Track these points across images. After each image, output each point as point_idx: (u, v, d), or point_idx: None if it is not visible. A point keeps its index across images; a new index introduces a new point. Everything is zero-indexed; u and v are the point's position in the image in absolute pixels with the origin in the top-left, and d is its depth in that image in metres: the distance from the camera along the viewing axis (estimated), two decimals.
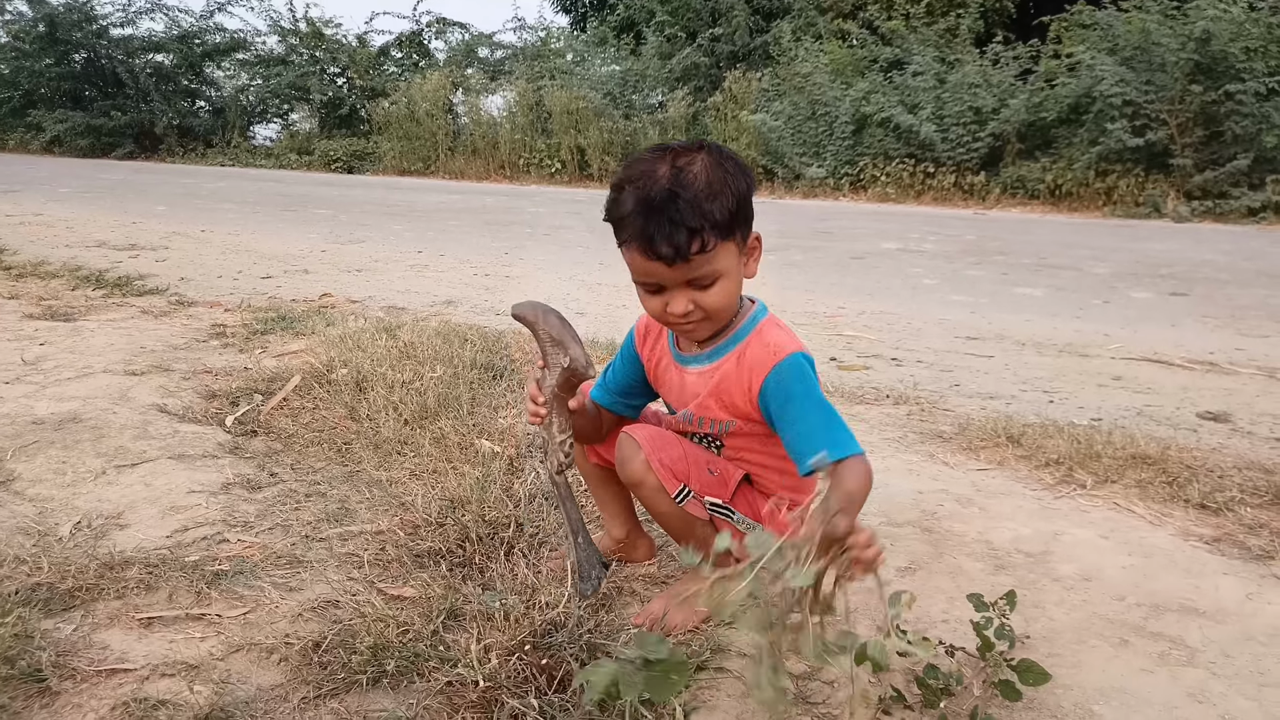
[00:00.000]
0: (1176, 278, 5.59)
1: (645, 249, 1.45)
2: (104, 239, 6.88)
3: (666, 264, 1.45)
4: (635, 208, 1.44)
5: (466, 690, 1.45)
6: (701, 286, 1.49)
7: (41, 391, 2.95)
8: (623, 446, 1.64)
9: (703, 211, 1.42)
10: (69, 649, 1.57)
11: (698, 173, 1.44)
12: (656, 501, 1.64)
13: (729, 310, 1.57)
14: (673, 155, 1.47)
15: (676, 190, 1.42)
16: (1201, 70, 9.22)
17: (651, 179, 1.44)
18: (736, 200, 1.46)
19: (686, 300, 1.50)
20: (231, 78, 20.42)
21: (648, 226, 1.43)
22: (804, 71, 11.92)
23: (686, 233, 1.41)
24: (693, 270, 1.46)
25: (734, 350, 1.60)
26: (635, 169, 1.48)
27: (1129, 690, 1.45)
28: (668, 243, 1.42)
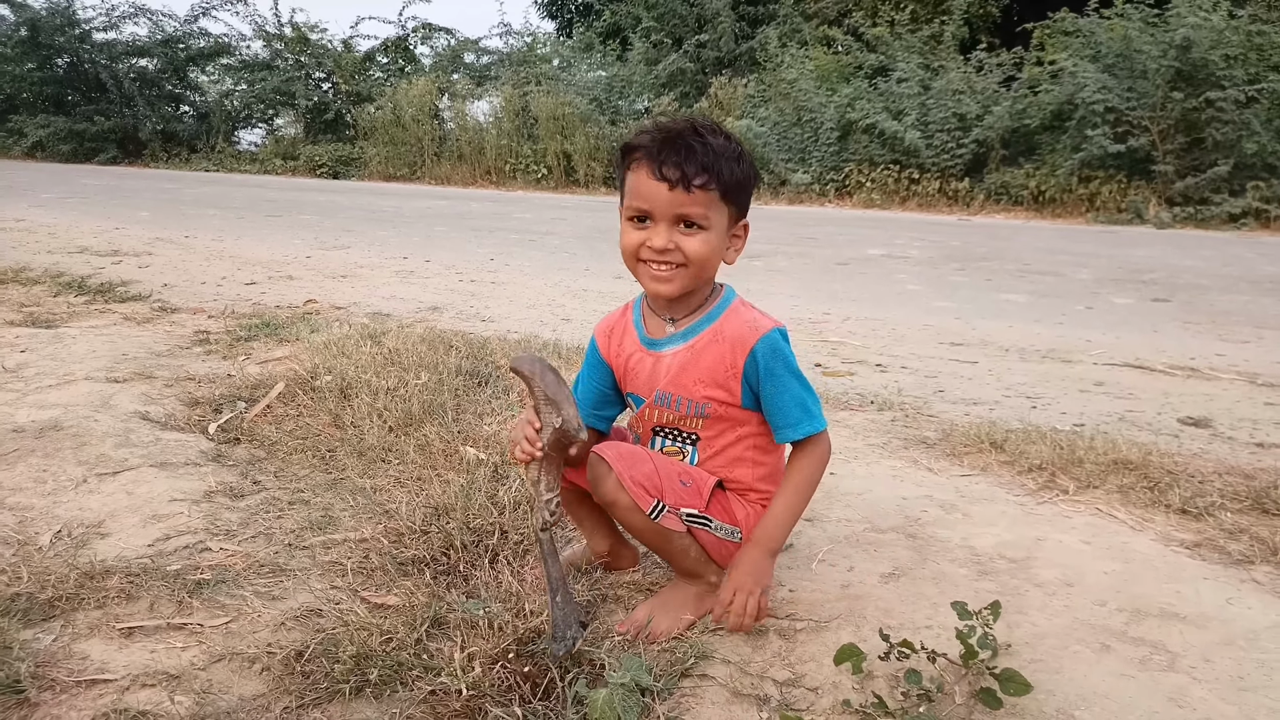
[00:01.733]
0: (1158, 284, 5.64)
1: (653, 167, 1.51)
2: (86, 245, 6.83)
3: (669, 186, 1.51)
4: (657, 133, 1.54)
5: (450, 699, 1.45)
6: (688, 227, 1.54)
7: (22, 399, 2.93)
8: (593, 468, 1.63)
9: (717, 157, 1.51)
10: (48, 659, 1.56)
11: (721, 138, 1.55)
12: (632, 519, 1.64)
13: (703, 268, 1.59)
14: (697, 122, 1.57)
15: (702, 132, 1.53)
16: (1182, 77, 9.31)
17: (680, 122, 1.56)
18: (744, 175, 1.56)
19: (668, 238, 1.54)
20: (216, 83, 20.37)
21: (663, 148, 1.51)
22: (789, 78, 11.98)
23: (698, 165, 1.50)
24: (687, 204, 1.52)
25: (710, 328, 1.65)
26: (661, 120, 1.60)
27: (1110, 695, 1.46)
28: (677, 166, 1.49)
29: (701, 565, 1.71)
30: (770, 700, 1.51)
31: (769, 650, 1.63)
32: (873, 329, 4.44)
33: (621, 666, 1.43)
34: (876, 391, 3.30)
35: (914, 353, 3.96)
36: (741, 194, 1.59)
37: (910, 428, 2.82)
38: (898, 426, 2.84)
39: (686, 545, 1.67)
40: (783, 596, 1.79)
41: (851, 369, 3.68)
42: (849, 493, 2.26)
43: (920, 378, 3.55)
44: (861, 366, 3.72)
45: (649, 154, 1.52)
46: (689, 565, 1.70)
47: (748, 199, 1.62)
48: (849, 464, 2.49)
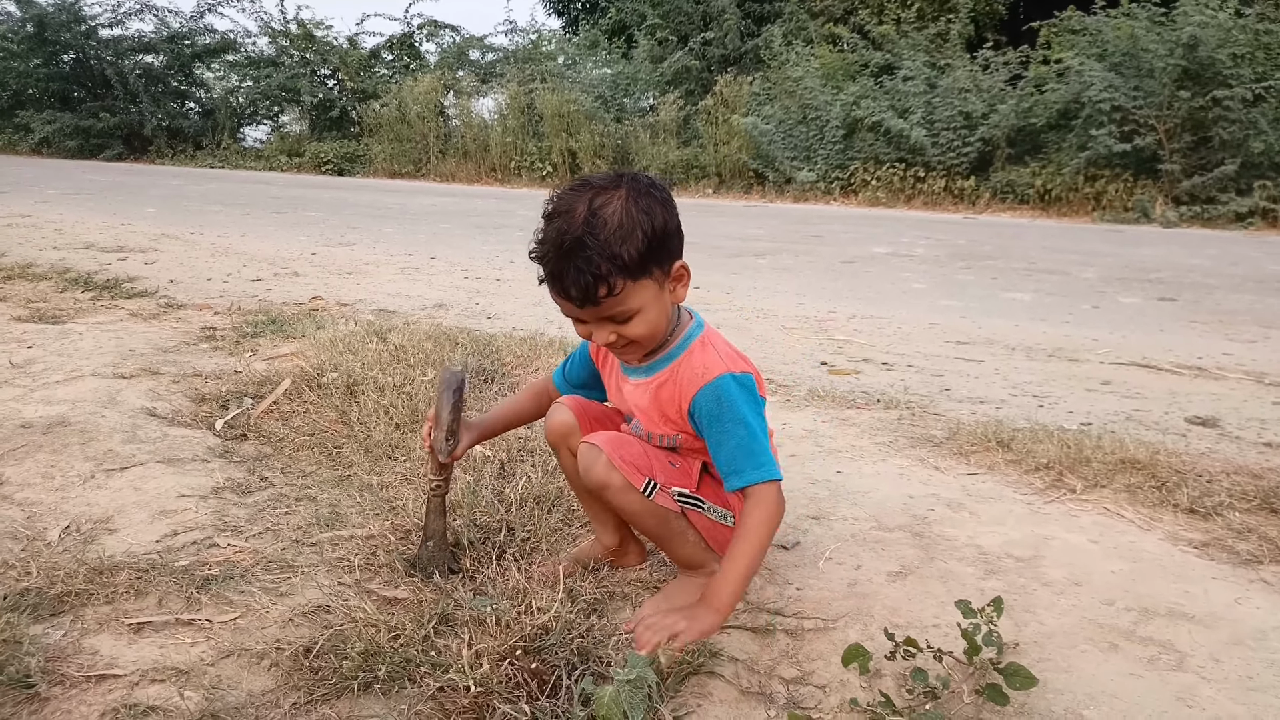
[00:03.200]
0: (1165, 283, 5.63)
1: (557, 290, 1.52)
2: (92, 241, 6.85)
3: (577, 306, 1.51)
4: (550, 251, 1.49)
5: (458, 696, 1.45)
6: (620, 321, 1.55)
7: (30, 395, 2.93)
8: (584, 455, 1.67)
9: (611, 256, 1.45)
10: (58, 654, 1.56)
11: (611, 214, 1.47)
12: (626, 500, 1.67)
13: (654, 337, 1.61)
14: (591, 194, 1.50)
15: (587, 236, 1.45)
16: (1189, 76, 9.28)
17: (569, 221, 1.48)
18: (648, 240, 1.48)
19: (608, 332, 1.57)
20: (221, 79, 20.38)
21: (558, 270, 1.49)
22: (795, 75, 11.97)
23: (593, 279, 1.46)
24: (605, 310, 1.52)
25: (668, 367, 1.66)
26: (558, 207, 1.52)
27: (1118, 694, 1.46)
28: (575, 287, 1.48)
29: (701, 554, 1.72)
30: (777, 698, 1.51)
31: (776, 648, 1.63)
32: (878, 327, 4.44)
33: (628, 664, 1.43)
34: (883, 390, 3.29)
35: (920, 351, 3.96)
36: (656, 256, 1.51)
37: (917, 426, 2.82)
38: (904, 425, 2.83)
39: (684, 529, 1.69)
40: (790, 595, 1.79)
41: (857, 367, 3.68)
42: (855, 491, 2.26)
43: (926, 376, 3.54)
44: (867, 365, 3.72)
45: (549, 276, 1.52)
46: (688, 553, 1.72)
47: (670, 246, 1.55)
48: (855, 462, 2.49)
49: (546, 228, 1.52)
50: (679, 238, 1.57)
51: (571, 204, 1.50)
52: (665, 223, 1.52)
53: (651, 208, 1.50)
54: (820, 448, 2.61)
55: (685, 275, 1.61)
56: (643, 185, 1.53)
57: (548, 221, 1.52)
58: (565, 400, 1.83)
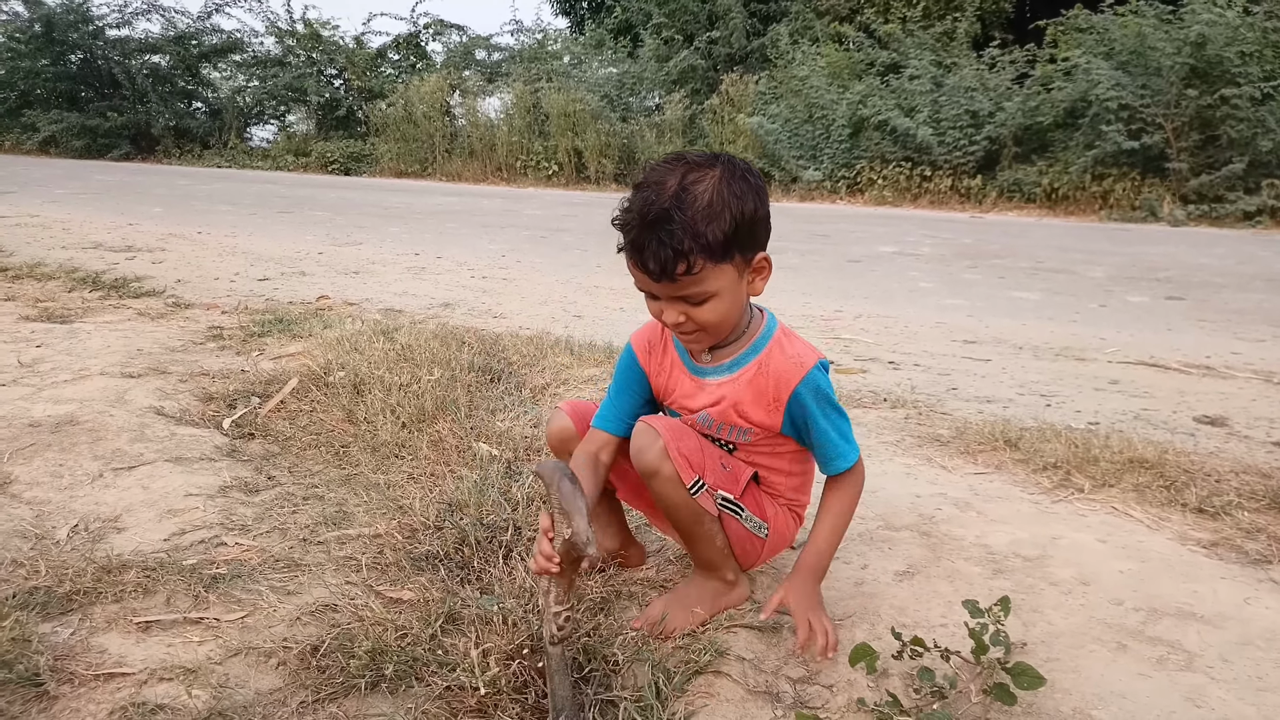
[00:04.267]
0: (1172, 281, 5.61)
1: (635, 261, 1.48)
2: (100, 240, 6.87)
3: (653, 280, 1.47)
4: (634, 220, 1.46)
5: (465, 695, 1.46)
6: (693, 303, 1.51)
7: (38, 394, 2.94)
8: (641, 435, 1.62)
9: (695, 234, 1.42)
10: (67, 653, 1.57)
11: (702, 192, 1.44)
12: (670, 491, 1.60)
13: (724, 327, 1.58)
14: (685, 169, 1.47)
15: (674, 210, 1.42)
16: (1197, 74, 9.25)
17: (658, 192, 1.45)
18: (736, 223, 1.45)
19: (678, 312, 1.52)
20: (228, 79, 20.42)
21: (640, 240, 1.45)
22: (801, 74, 11.95)
23: (673, 254, 1.42)
24: (681, 289, 1.48)
25: (754, 360, 1.63)
26: (649, 178, 1.49)
27: (1127, 695, 1.45)
28: (655, 260, 1.44)
29: (722, 558, 1.70)
30: (785, 698, 1.51)
31: (784, 648, 1.63)
32: (885, 326, 4.43)
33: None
34: (889, 389, 3.29)
35: (927, 350, 3.95)
36: (740, 242, 1.48)
37: (924, 425, 2.81)
38: (911, 424, 2.83)
39: (714, 531, 1.67)
40: None
41: (864, 366, 3.67)
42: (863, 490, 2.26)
43: (933, 375, 3.54)
44: (874, 364, 3.71)
45: (629, 245, 1.48)
46: (711, 554, 1.69)
47: (756, 234, 1.51)
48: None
49: (634, 197, 1.48)
50: (767, 229, 1.54)
51: (664, 176, 1.47)
52: (755, 209, 1.49)
53: (744, 192, 1.47)
54: None
55: (767, 268, 1.57)
56: (739, 169, 1.50)
57: (636, 191, 1.48)
58: (563, 406, 1.80)
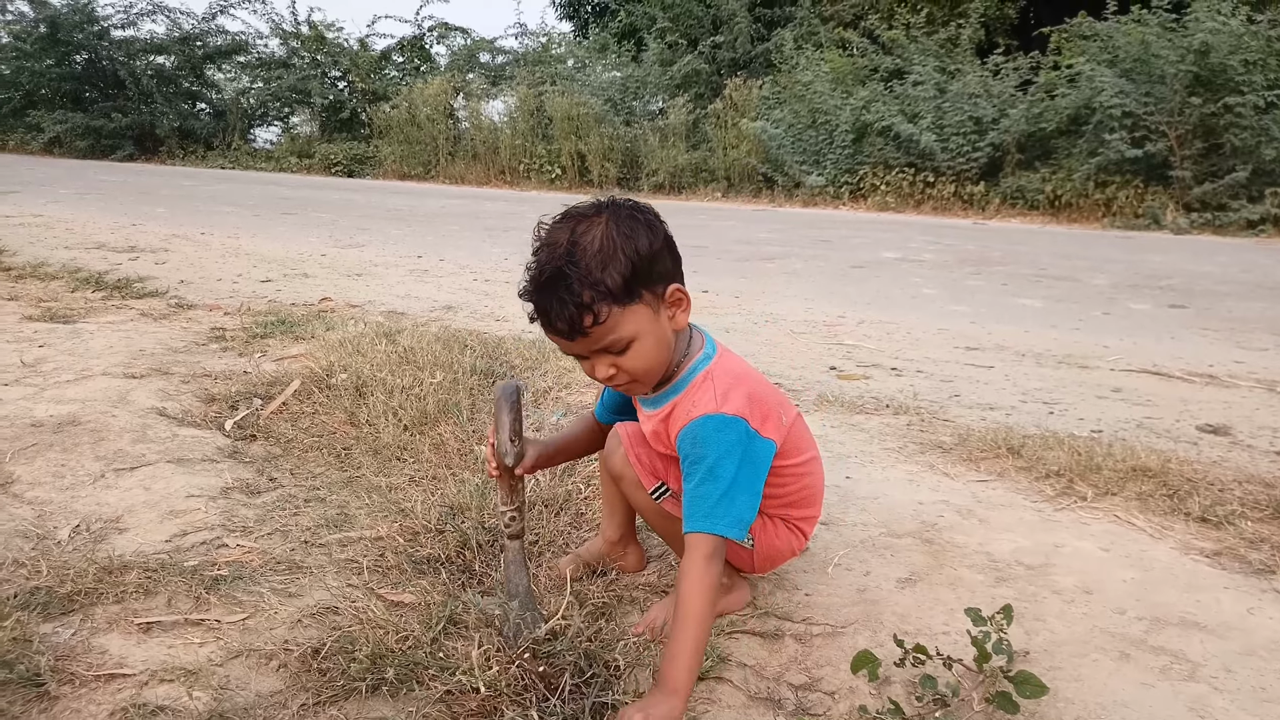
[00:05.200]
0: (1175, 290, 5.60)
1: (545, 327, 1.47)
2: (103, 241, 6.87)
3: (567, 340, 1.46)
4: (531, 288, 1.46)
5: (466, 699, 1.45)
6: (616, 352, 1.48)
7: (40, 394, 2.94)
8: (609, 440, 1.72)
9: (593, 283, 1.41)
10: (67, 653, 1.57)
11: (590, 241, 1.43)
12: (635, 497, 1.70)
13: (656, 368, 1.54)
14: (573, 223, 1.47)
15: (566, 266, 1.41)
16: (1201, 83, 9.25)
17: (550, 253, 1.44)
18: (632, 263, 1.43)
19: (607, 366, 1.50)
20: (233, 80, 20.47)
21: (542, 306, 1.45)
22: (805, 80, 11.96)
23: (576, 309, 1.41)
24: (596, 341, 1.46)
25: (673, 400, 1.59)
26: (542, 240, 1.49)
27: (1130, 704, 1.45)
28: (560, 320, 1.43)
29: None
30: (786, 704, 1.50)
31: (785, 654, 1.63)
32: (887, 332, 4.43)
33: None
34: (892, 395, 3.29)
35: (929, 357, 3.95)
36: (644, 280, 1.45)
37: (926, 432, 2.81)
38: (913, 431, 2.83)
39: None
40: (798, 600, 1.79)
41: (866, 372, 3.67)
42: (864, 497, 2.26)
43: (936, 382, 3.53)
44: (876, 370, 3.71)
45: (536, 315, 1.47)
46: None
47: (659, 270, 1.48)
48: (864, 468, 2.48)
49: (531, 263, 1.47)
50: (671, 261, 1.51)
51: (555, 236, 1.47)
52: (650, 245, 1.46)
53: (634, 230, 1.45)
54: (829, 453, 2.60)
55: (684, 300, 1.53)
56: (625, 209, 1.49)
57: (533, 256, 1.48)
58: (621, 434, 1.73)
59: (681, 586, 1.45)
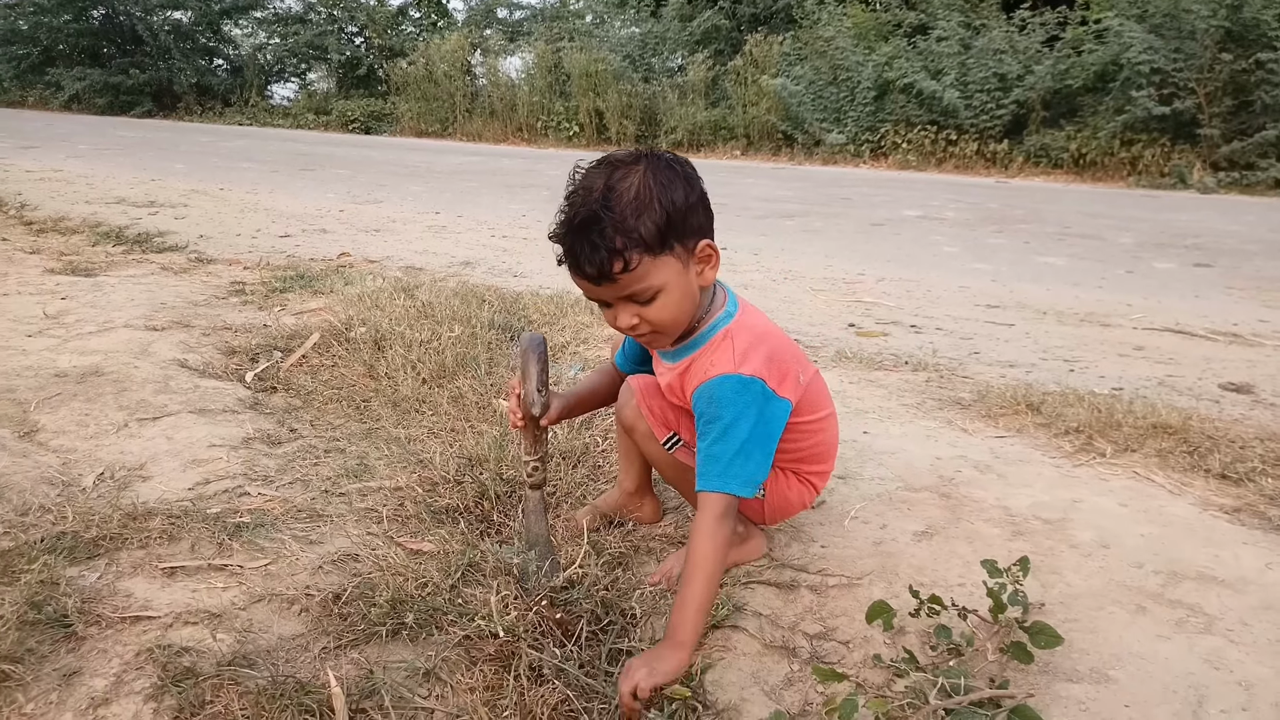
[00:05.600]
0: (1201, 249, 5.53)
1: (573, 269, 1.47)
2: (123, 196, 6.89)
3: (594, 284, 1.46)
4: (562, 229, 1.46)
5: (484, 643, 1.47)
6: (641, 302, 1.48)
7: (64, 345, 2.97)
8: (621, 392, 1.72)
9: (626, 230, 1.40)
10: (94, 596, 1.59)
11: (628, 188, 1.43)
12: (648, 447, 1.70)
13: (679, 321, 1.53)
14: (610, 169, 1.46)
15: (601, 210, 1.41)
16: (1232, 38, 9.04)
17: (585, 197, 1.44)
18: (667, 213, 1.43)
19: (630, 315, 1.50)
20: (249, 36, 20.36)
21: (573, 248, 1.44)
22: (826, 35, 11.77)
23: (607, 254, 1.41)
24: (624, 288, 1.45)
25: (691, 356, 1.59)
26: (577, 184, 1.48)
27: (1145, 656, 1.45)
28: (590, 263, 1.42)
29: None
30: (801, 653, 1.52)
31: (800, 604, 1.64)
32: (908, 290, 4.40)
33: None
34: (911, 352, 3.27)
35: (949, 314, 3.92)
36: (677, 232, 1.45)
37: (945, 388, 2.79)
38: (932, 387, 2.81)
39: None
40: (815, 552, 1.80)
41: (886, 329, 3.65)
42: (882, 452, 2.25)
43: (955, 339, 3.51)
44: (896, 327, 3.69)
45: (565, 257, 1.47)
46: None
47: (691, 223, 1.48)
48: (883, 423, 2.48)
49: (565, 206, 1.47)
50: (704, 216, 1.51)
51: (590, 180, 1.46)
52: (686, 198, 1.46)
53: (671, 181, 1.45)
54: (847, 408, 2.59)
55: (713, 256, 1.52)
56: (665, 160, 1.48)
57: (567, 200, 1.47)
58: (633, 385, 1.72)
59: (692, 543, 1.46)
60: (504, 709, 1.34)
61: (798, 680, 1.46)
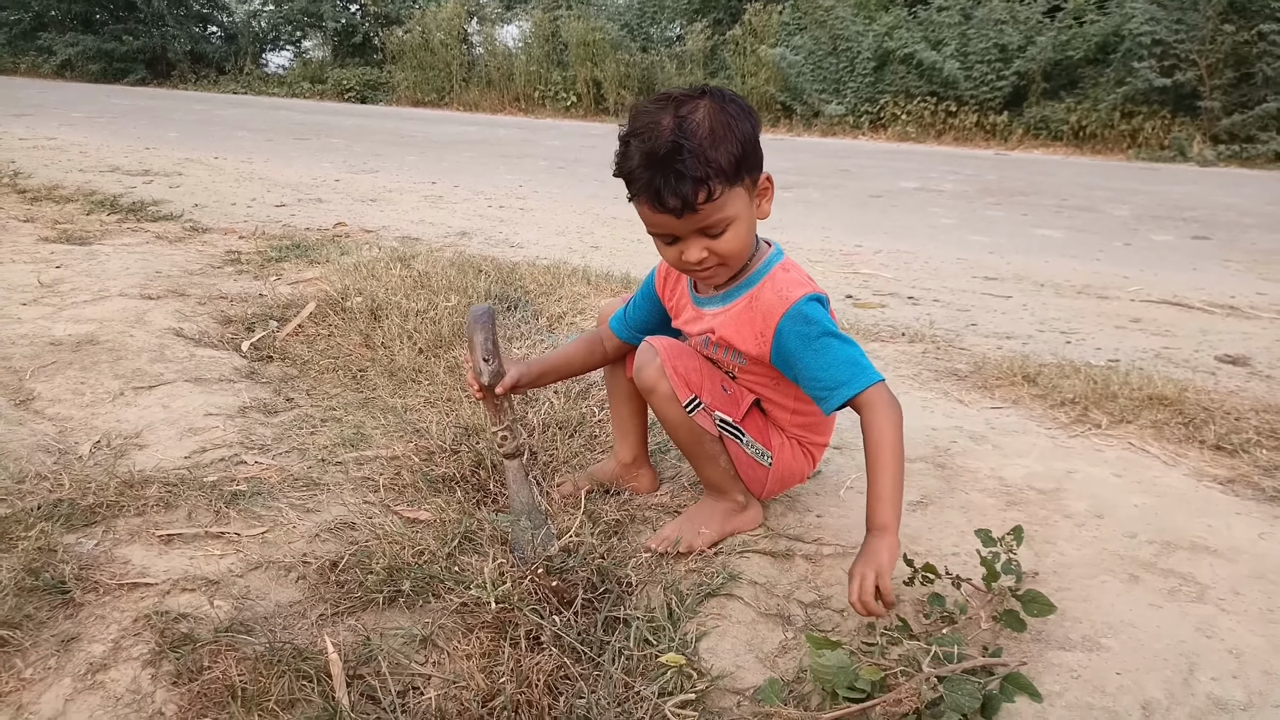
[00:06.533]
0: (1199, 221, 5.52)
1: (654, 202, 1.46)
2: (117, 164, 6.85)
3: (676, 216, 1.46)
4: (641, 162, 1.45)
5: (480, 611, 1.48)
6: (714, 234, 1.51)
7: (59, 313, 2.96)
8: (642, 353, 1.66)
9: (707, 160, 1.42)
10: (91, 563, 1.60)
11: (700, 120, 1.44)
12: (667, 409, 1.65)
13: (743, 254, 1.58)
14: (675, 104, 1.47)
15: (680, 141, 1.42)
16: (1235, 9, 8.97)
17: (656, 130, 1.44)
18: (741, 144, 1.46)
19: (700, 248, 1.52)
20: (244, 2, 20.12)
21: (654, 180, 1.44)
22: (826, 5, 11.65)
23: (692, 184, 1.42)
24: (703, 220, 1.48)
25: (747, 294, 1.62)
26: (640, 121, 1.48)
27: (1137, 624, 1.46)
28: (674, 195, 1.43)
29: (729, 480, 1.72)
30: (795, 621, 1.53)
31: (795, 573, 1.64)
32: (905, 262, 4.39)
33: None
34: (908, 324, 3.27)
35: (947, 286, 3.92)
36: (747, 163, 1.49)
37: (941, 360, 2.80)
38: (929, 358, 2.82)
39: (716, 452, 1.68)
40: (810, 522, 1.80)
41: (883, 301, 3.65)
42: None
43: (953, 311, 3.51)
44: (893, 299, 3.69)
45: (645, 190, 1.47)
46: (717, 476, 1.71)
47: (757, 155, 1.52)
48: None
49: (632, 143, 1.47)
50: (761, 150, 1.54)
51: (655, 117, 1.46)
52: (753, 129, 1.50)
53: (739, 113, 1.48)
54: None
55: (770, 188, 1.57)
56: (726, 95, 1.51)
57: (632, 138, 1.47)
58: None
59: (881, 427, 1.49)
60: (500, 675, 1.35)
61: (792, 648, 1.47)
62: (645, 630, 1.47)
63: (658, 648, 1.43)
